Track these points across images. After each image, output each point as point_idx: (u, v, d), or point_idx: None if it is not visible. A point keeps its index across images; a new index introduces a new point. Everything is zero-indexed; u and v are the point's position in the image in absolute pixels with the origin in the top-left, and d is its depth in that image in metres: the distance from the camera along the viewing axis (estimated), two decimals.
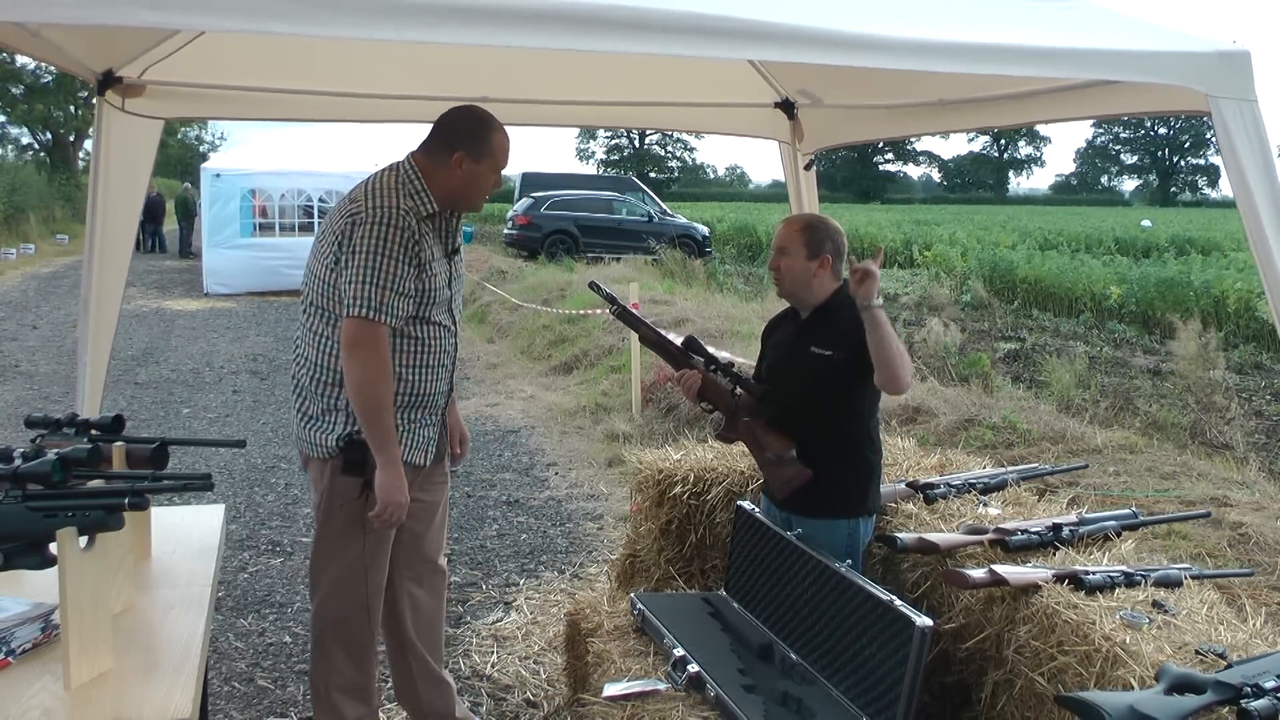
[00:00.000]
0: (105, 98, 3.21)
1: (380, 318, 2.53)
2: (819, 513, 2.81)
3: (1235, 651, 2.06)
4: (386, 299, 2.53)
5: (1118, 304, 14.96)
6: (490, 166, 2.68)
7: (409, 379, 2.69)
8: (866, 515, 2.86)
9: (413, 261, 2.58)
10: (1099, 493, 5.04)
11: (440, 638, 3.15)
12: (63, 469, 1.91)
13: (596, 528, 5.42)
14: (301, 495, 5.84)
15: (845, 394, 2.78)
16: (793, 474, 2.79)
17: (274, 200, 16.47)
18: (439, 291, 2.69)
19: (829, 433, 2.79)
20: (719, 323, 10.07)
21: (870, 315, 2.55)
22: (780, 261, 2.86)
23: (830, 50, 2.00)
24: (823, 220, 2.90)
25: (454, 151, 2.63)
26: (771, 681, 2.53)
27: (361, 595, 2.78)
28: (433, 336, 2.72)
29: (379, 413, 2.57)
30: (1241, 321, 13.16)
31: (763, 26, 1.92)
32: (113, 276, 3.47)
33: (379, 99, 3.66)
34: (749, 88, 3.97)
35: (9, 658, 1.88)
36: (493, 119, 2.70)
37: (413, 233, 2.57)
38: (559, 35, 1.82)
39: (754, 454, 2.95)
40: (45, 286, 17.33)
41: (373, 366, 2.55)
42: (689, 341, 3.02)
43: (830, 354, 2.75)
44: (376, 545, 2.77)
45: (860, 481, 2.83)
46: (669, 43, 1.88)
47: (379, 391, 2.56)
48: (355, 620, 2.81)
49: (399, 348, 2.66)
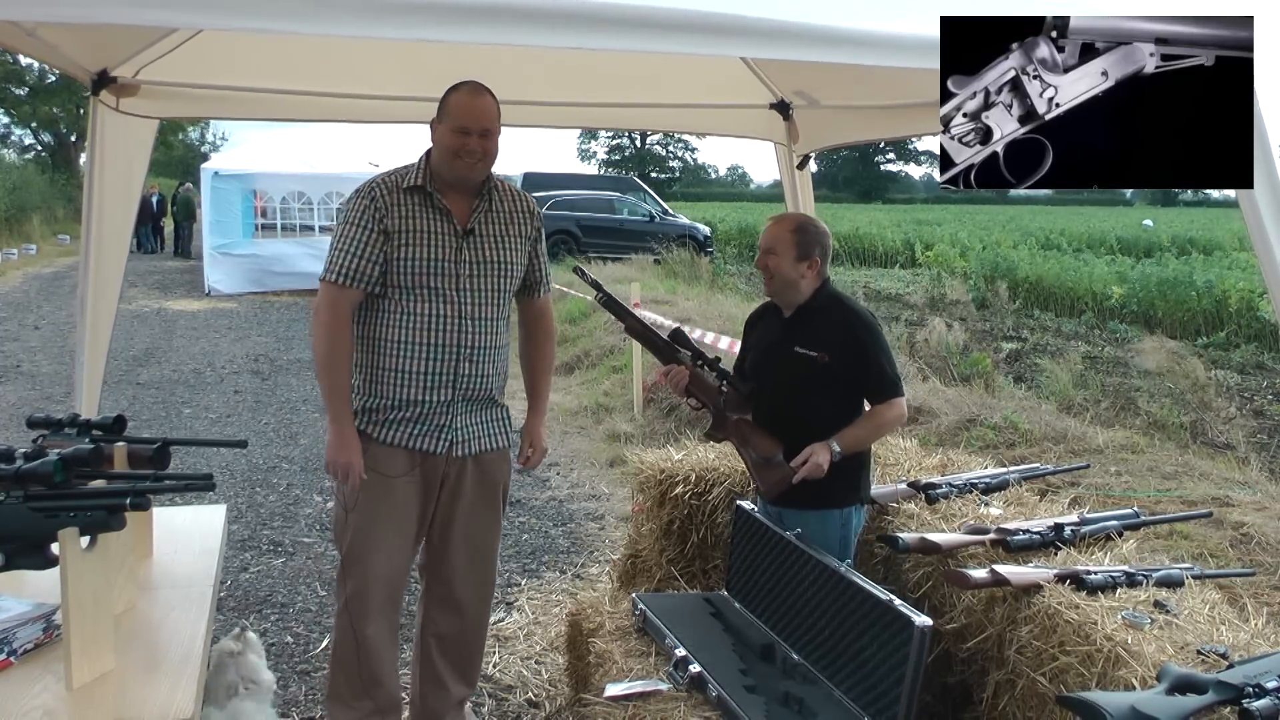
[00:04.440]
0: (100, 98, 3.20)
1: (336, 279, 2.65)
2: (811, 505, 2.82)
3: (1237, 651, 2.06)
4: (344, 262, 2.65)
5: (1119, 304, 14.95)
6: (449, 125, 2.68)
7: (398, 353, 2.72)
8: (859, 505, 2.88)
9: (378, 227, 2.66)
10: (1100, 493, 5.04)
11: (470, 653, 3.08)
12: (64, 469, 1.91)
13: (598, 528, 5.42)
14: (303, 495, 5.84)
15: (831, 392, 2.80)
16: (780, 477, 2.80)
17: (275, 201, 16.47)
18: (427, 262, 2.68)
19: (817, 429, 2.79)
20: (720, 322, 10.05)
21: (843, 450, 2.75)
22: (768, 261, 2.86)
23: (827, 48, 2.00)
24: (812, 222, 2.91)
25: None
26: (773, 682, 2.53)
27: (358, 586, 2.80)
28: (426, 309, 2.70)
29: (323, 368, 2.72)
30: (1243, 321, 13.15)
31: (755, 23, 1.92)
32: (110, 276, 3.48)
33: (377, 100, 3.66)
34: (744, 89, 3.96)
35: (11, 658, 1.88)
36: (464, 83, 2.71)
37: (379, 201, 2.67)
38: (555, 33, 1.82)
39: (741, 455, 2.96)
40: (47, 287, 17.34)
41: (326, 323, 2.68)
42: (675, 334, 3.01)
43: (815, 355, 2.77)
44: (365, 531, 2.77)
45: (851, 473, 2.84)
46: (664, 40, 1.88)
47: (330, 348, 2.69)
48: (357, 613, 2.81)
49: (384, 320, 2.72)
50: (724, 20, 1.89)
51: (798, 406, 2.83)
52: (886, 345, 2.85)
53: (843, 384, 2.79)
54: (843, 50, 2.00)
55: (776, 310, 2.96)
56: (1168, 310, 14.06)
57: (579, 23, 1.81)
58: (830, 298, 2.88)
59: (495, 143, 2.72)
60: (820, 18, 1.98)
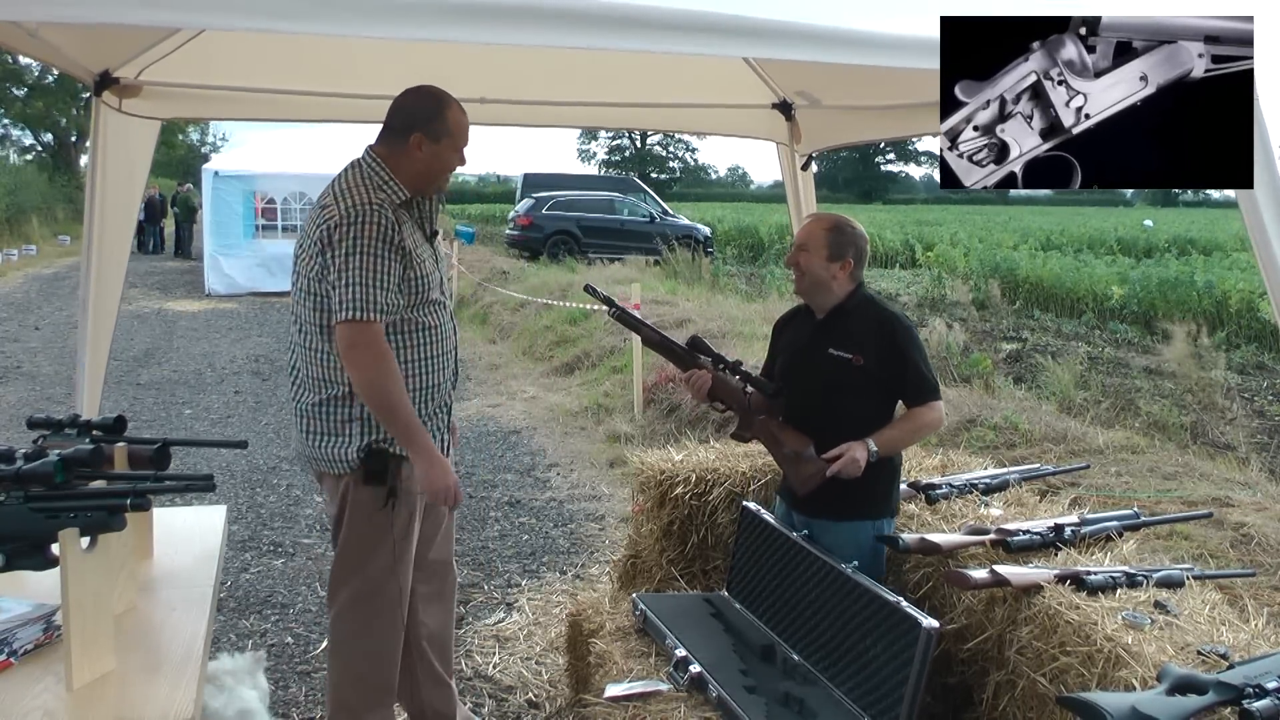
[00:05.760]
0: (102, 98, 3.21)
1: (370, 316, 2.48)
2: (845, 515, 2.78)
3: (1237, 652, 2.06)
4: (374, 296, 2.49)
5: (1119, 304, 14.95)
6: (450, 145, 2.63)
7: (419, 372, 2.66)
8: (890, 516, 2.85)
9: (397, 253, 2.54)
10: (1101, 493, 5.03)
11: (450, 641, 3.14)
12: (65, 470, 1.91)
13: (598, 528, 5.42)
14: (303, 496, 5.84)
15: (865, 394, 2.76)
16: (813, 471, 2.75)
17: (275, 201, 16.48)
18: (429, 276, 2.67)
19: (849, 431, 2.74)
20: (721, 323, 10.06)
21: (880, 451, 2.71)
22: (799, 258, 2.83)
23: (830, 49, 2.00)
24: (850, 224, 2.86)
25: (411, 133, 2.60)
26: (774, 682, 2.53)
27: (383, 603, 2.73)
28: (435, 320, 2.70)
29: (395, 408, 2.53)
30: (1244, 322, 13.15)
31: (759, 24, 1.92)
32: (111, 277, 3.48)
33: (377, 99, 3.64)
34: (747, 89, 3.97)
35: (11, 659, 1.88)
36: (447, 96, 2.64)
37: (390, 224, 2.53)
38: (556, 32, 1.82)
39: (772, 452, 2.92)
40: (47, 287, 17.34)
41: (374, 364, 2.51)
42: (694, 341, 2.98)
43: (849, 357, 2.74)
44: (402, 553, 2.72)
45: (885, 481, 2.81)
46: (665, 40, 1.88)
47: (388, 387, 2.52)
48: (380, 627, 2.75)
49: (408, 342, 2.63)
50: (726, 21, 1.89)
51: (830, 409, 2.79)
52: (923, 348, 2.81)
53: (877, 386, 2.75)
54: (846, 51, 2.00)
55: (809, 312, 2.92)
56: (1168, 311, 14.05)
57: (581, 23, 1.82)
58: (865, 300, 2.84)
59: None
60: (823, 18, 1.98)
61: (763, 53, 2.45)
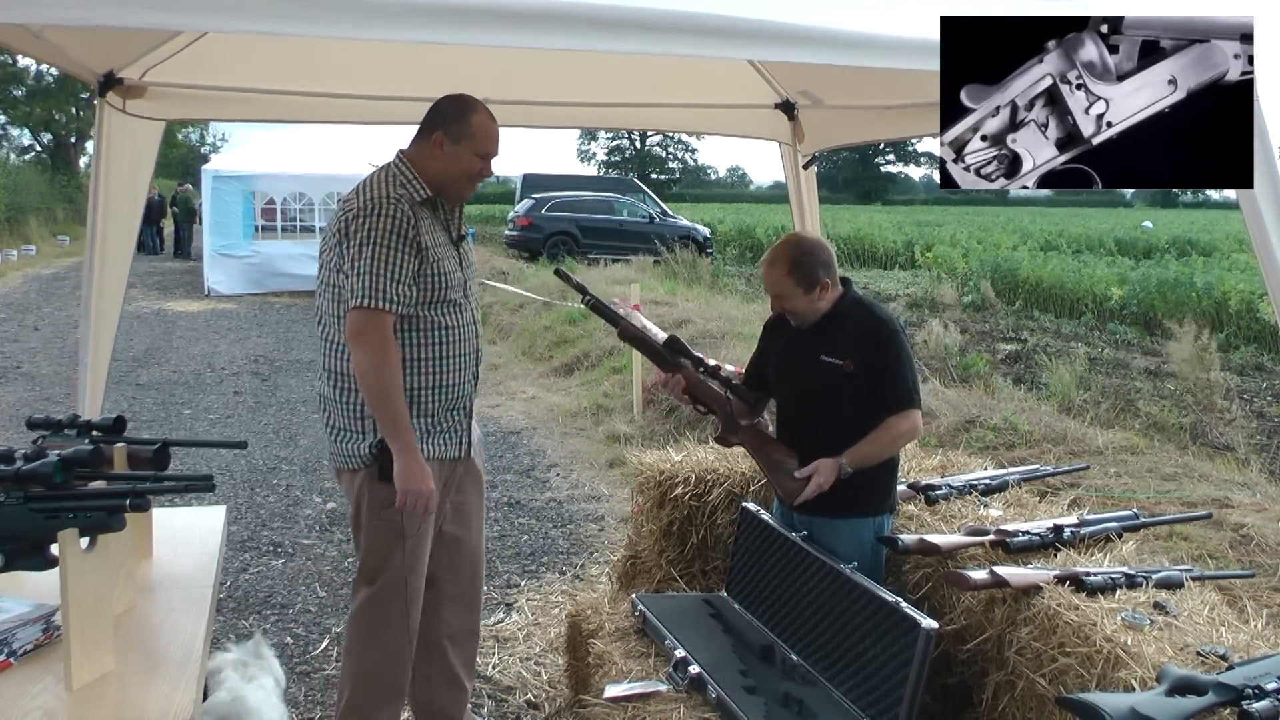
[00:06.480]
0: (106, 99, 3.21)
1: (379, 304, 2.51)
2: (845, 513, 2.79)
3: (1237, 653, 2.06)
4: (384, 286, 2.51)
5: (1119, 305, 14.95)
6: (470, 148, 2.63)
7: (434, 370, 2.67)
8: (890, 512, 2.87)
9: (410, 247, 2.56)
10: (1100, 494, 5.03)
11: (474, 643, 3.11)
12: (64, 470, 1.91)
13: (598, 529, 5.42)
14: (303, 496, 5.84)
15: (858, 399, 2.76)
16: (794, 487, 2.77)
17: (276, 202, 16.48)
18: (449, 275, 2.67)
19: (845, 438, 2.75)
20: (720, 324, 10.06)
21: (852, 467, 2.71)
22: (782, 305, 2.85)
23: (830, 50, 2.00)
24: (799, 245, 2.83)
25: (434, 132, 2.63)
26: (773, 683, 2.53)
27: (395, 605, 2.74)
28: (454, 321, 2.70)
29: (386, 398, 2.55)
30: (1243, 323, 13.15)
31: (762, 26, 1.92)
32: (114, 278, 3.48)
33: (379, 100, 3.67)
34: (749, 89, 3.97)
35: (10, 659, 1.88)
36: (478, 103, 2.66)
37: (406, 218, 2.56)
38: (558, 35, 1.82)
39: (757, 460, 2.95)
40: (47, 288, 17.34)
41: (375, 353, 2.53)
42: (671, 341, 3.00)
43: (840, 363, 2.74)
44: (415, 551, 2.73)
45: (884, 478, 2.83)
46: (669, 43, 1.88)
47: (384, 376, 2.54)
48: (391, 628, 2.76)
49: (424, 340, 2.65)
50: (728, 23, 1.89)
51: (825, 415, 2.80)
52: (909, 354, 2.80)
53: (866, 392, 2.76)
54: (848, 52, 1.99)
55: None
56: (1167, 311, 14.05)
57: (583, 26, 1.82)
58: (854, 304, 2.84)
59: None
60: (825, 19, 1.98)
61: (765, 55, 2.46)
